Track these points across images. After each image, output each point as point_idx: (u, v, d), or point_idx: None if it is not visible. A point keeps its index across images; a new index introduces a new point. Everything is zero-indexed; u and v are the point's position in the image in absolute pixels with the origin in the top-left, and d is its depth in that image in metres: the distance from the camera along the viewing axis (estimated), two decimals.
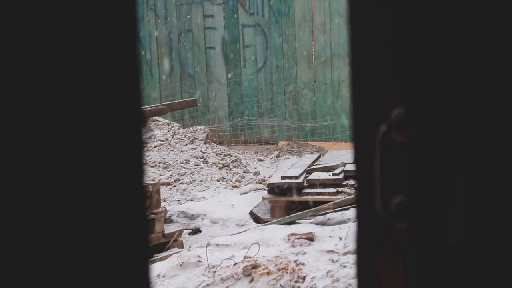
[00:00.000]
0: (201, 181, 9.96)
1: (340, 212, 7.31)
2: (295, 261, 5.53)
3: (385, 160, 1.50)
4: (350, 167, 8.30)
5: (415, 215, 1.50)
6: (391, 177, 1.51)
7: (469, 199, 1.47)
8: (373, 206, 1.53)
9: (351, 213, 7.11)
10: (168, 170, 10.27)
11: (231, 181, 9.96)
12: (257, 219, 8.15)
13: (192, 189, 9.69)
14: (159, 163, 10.44)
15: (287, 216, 7.73)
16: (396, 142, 1.50)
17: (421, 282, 1.53)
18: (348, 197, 7.79)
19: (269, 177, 9.30)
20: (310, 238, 6.05)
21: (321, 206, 7.63)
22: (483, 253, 1.47)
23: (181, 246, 7.15)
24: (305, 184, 8.17)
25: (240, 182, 9.89)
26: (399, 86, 1.51)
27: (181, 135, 11.38)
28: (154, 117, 11.12)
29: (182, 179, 9.99)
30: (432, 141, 1.49)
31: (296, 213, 7.73)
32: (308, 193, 8.05)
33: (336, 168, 8.52)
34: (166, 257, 6.39)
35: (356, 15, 1.57)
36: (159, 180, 9.24)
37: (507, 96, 1.45)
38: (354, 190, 7.78)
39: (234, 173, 10.27)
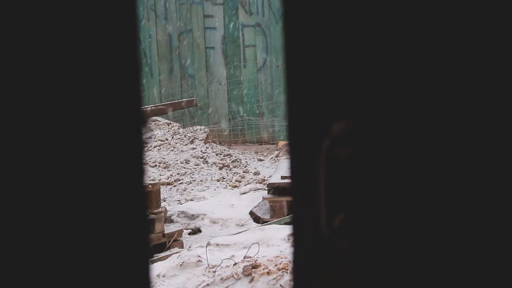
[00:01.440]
0: (201, 181, 9.96)
1: None
2: None
3: (327, 175, 1.44)
4: None
5: (358, 233, 1.45)
6: (333, 193, 1.45)
7: (416, 216, 1.42)
8: (313, 223, 1.46)
9: None
10: (168, 170, 10.27)
11: (231, 181, 9.96)
12: (257, 219, 8.15)
13: (192, 189, 9.69)
14: (159, 163, 10.44)
15: (287, 216, 7.73)
16: (338, 156, 1.44)
17: None
18: None
19: (269, 177, 9.30)
20: None
21: None
22: (431, 274, 1.43)
23: (181, 246, 7.16)
24: None
25: (240, 182, 9.89)
26: (341, 97, 1.43)
27: (181, 135, 11.37)
28: (154, 117, 11.12)
29: (182, 179, 9.99)
30: (376, 156, 1.42)
31: None
32: None
33: None
34: (166, 257, 6.39)
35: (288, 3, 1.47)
36: (159, 180, 9.24)
37: (463, 106, 1.38)
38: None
39: (234, 173, 10.27)
